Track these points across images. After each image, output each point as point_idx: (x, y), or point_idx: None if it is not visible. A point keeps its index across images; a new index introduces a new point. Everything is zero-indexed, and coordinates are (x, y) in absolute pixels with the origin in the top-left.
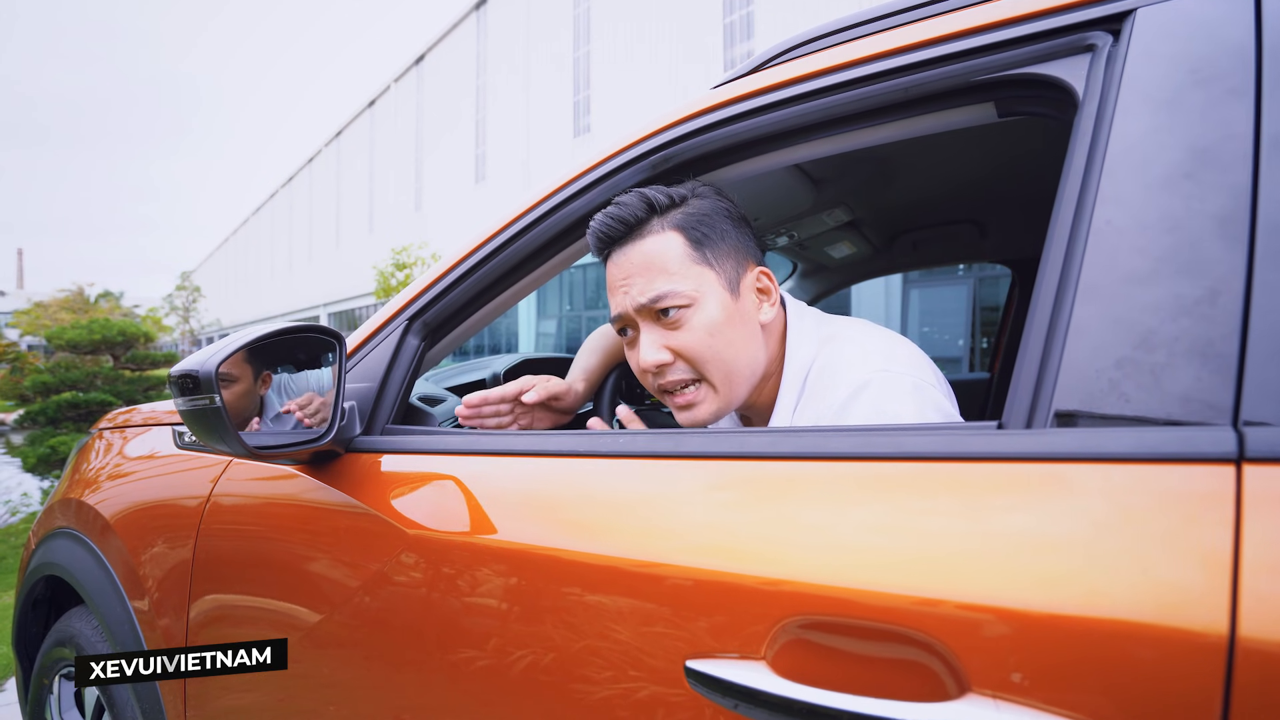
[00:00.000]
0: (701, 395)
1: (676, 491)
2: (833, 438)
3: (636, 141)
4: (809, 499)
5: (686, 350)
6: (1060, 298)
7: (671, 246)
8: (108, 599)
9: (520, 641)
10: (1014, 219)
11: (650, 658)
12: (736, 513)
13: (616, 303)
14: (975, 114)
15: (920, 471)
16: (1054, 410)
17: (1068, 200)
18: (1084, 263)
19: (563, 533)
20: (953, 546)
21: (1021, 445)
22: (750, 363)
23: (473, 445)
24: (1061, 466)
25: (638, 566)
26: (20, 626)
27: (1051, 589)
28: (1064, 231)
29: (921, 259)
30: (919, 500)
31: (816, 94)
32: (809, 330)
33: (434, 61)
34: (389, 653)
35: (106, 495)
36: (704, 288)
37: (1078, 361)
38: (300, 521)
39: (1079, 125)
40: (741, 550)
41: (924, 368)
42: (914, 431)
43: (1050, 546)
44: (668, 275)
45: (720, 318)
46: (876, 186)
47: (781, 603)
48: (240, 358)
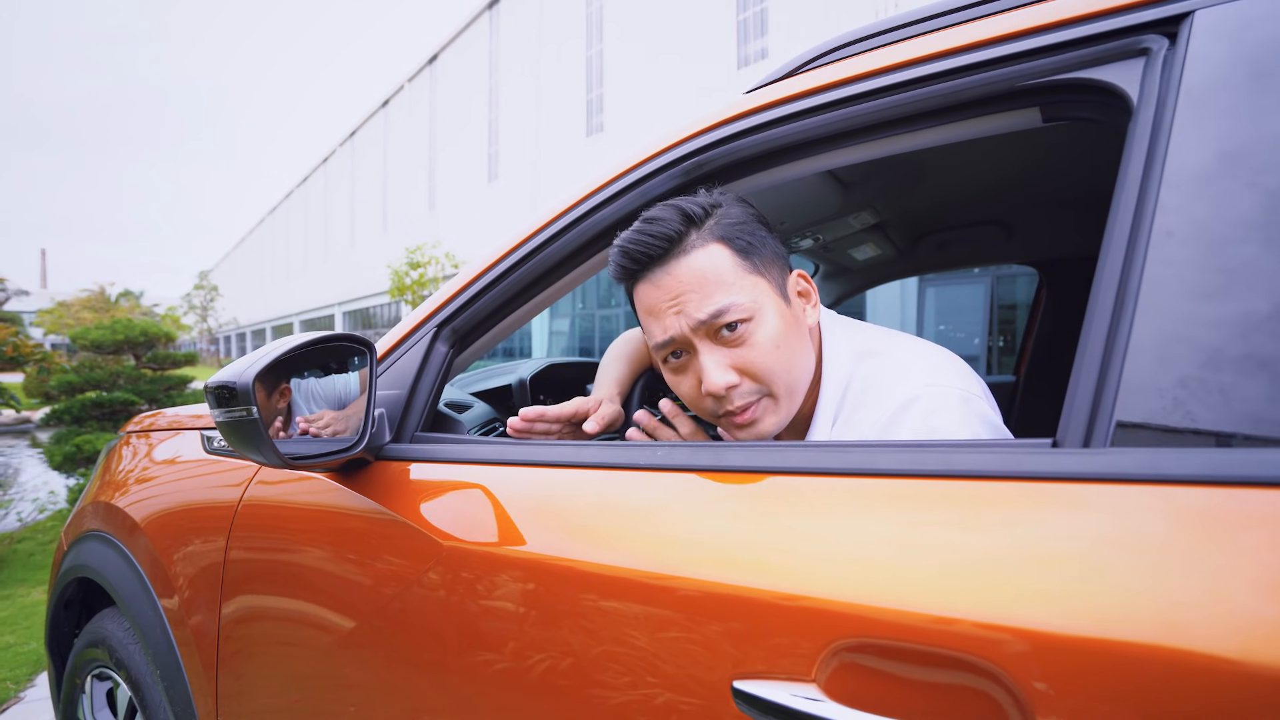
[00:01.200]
0: (763, 409)
1: (722, 509)
2: (881, 454)
3: (669, 147)
4: (858, 517)
5: (755, 367)
6: (1119, 311)
7: (720, 258)
8: (138, 600)
9: (555, 654)
10: (1042, 219)
11: (695, 678)
12: (782, 531)
13: (666, 326)
14: (1019, 119)
15: (973, 491)
16: (1114, 428)
17: (1124, 209)
18: (1144, 276)
19: (597, 546)
20: (1009, 571)
21: (1080, 465)
22: (807, 371)
23: (503, 455)
24: (1124, 489)
25: (679, 583)
26: (53, 626)
27: (1118, 618)
28: (1120, 242)
29: (946, 260)
30: (973, 521)
31: (855, 99)
32: (842, 341)
33: (447, 61)
34: (415, 657)
35: (136, 498)
36: (760, 298)
37: (1138, 378)
38: (331, 528)
39: (1134, 132)
40: (791, 568)
41: (969, 379)
42: (966, 449)
43: (1113, 573)
44: (725, 288)
45: (781, 328)
46: (904, 189)
47: (833, 624)
48: (268, 370)
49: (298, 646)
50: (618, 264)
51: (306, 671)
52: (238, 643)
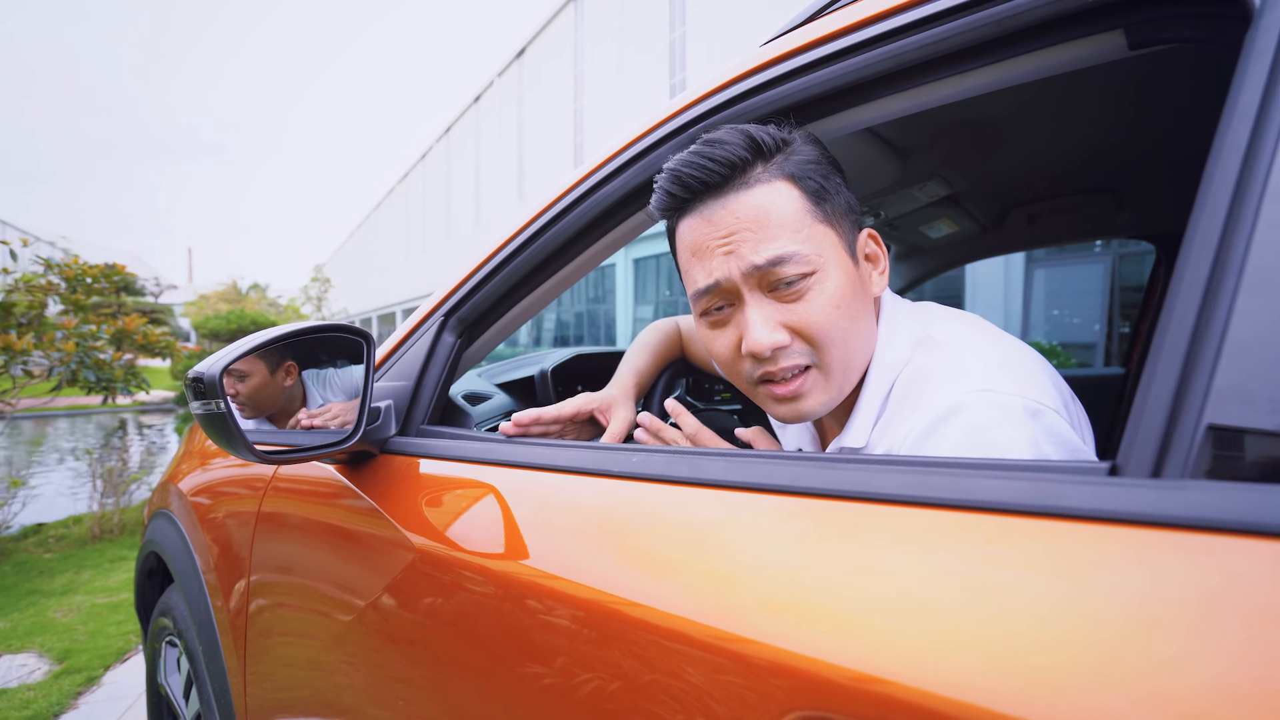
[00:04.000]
0: (810, 383)
1: (687, 528)
2: (878, 472)
3: (676, 113)
4: (817, 554)
5: (810, 328)
6: (1212, 293)
7: (787, 199)
8: (188, 578)
9: (531, 661)
10: (1159, 185)
11: None
12: (727, 558)
13: (712, 268)
14: (1095, 49)
15: (992, 529)
16: (1195, 453)
17: (1229, 152)
18: (1253, 240)
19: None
20: (1031, 638)
21: (1143, 502)
22: (866, 345)
23: (510, 457)
24: (1207, 539)
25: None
26: (139, 594)
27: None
28: (1223, 196)
29: (1041, 236)
30: (982, 570)
31: (884, 38)
32: (903, 323)
33: (534, 54)
34: (395, 662)
35: (192, 481)
36: (827, 251)
37: (1236, 384)
38: (331, 521)
39: (1251, 48)
40: (732, 609)
41: (1044, 387)
42: (989, 471)
43: (1179, 646)
44: (789, 233)
45: (846, 288)
46: (979, 154)
47: (789, 692)
48: (255, 355)
49: (301, 636)
50: (665, 190)
51: (303, 659)
52: (259, 627)
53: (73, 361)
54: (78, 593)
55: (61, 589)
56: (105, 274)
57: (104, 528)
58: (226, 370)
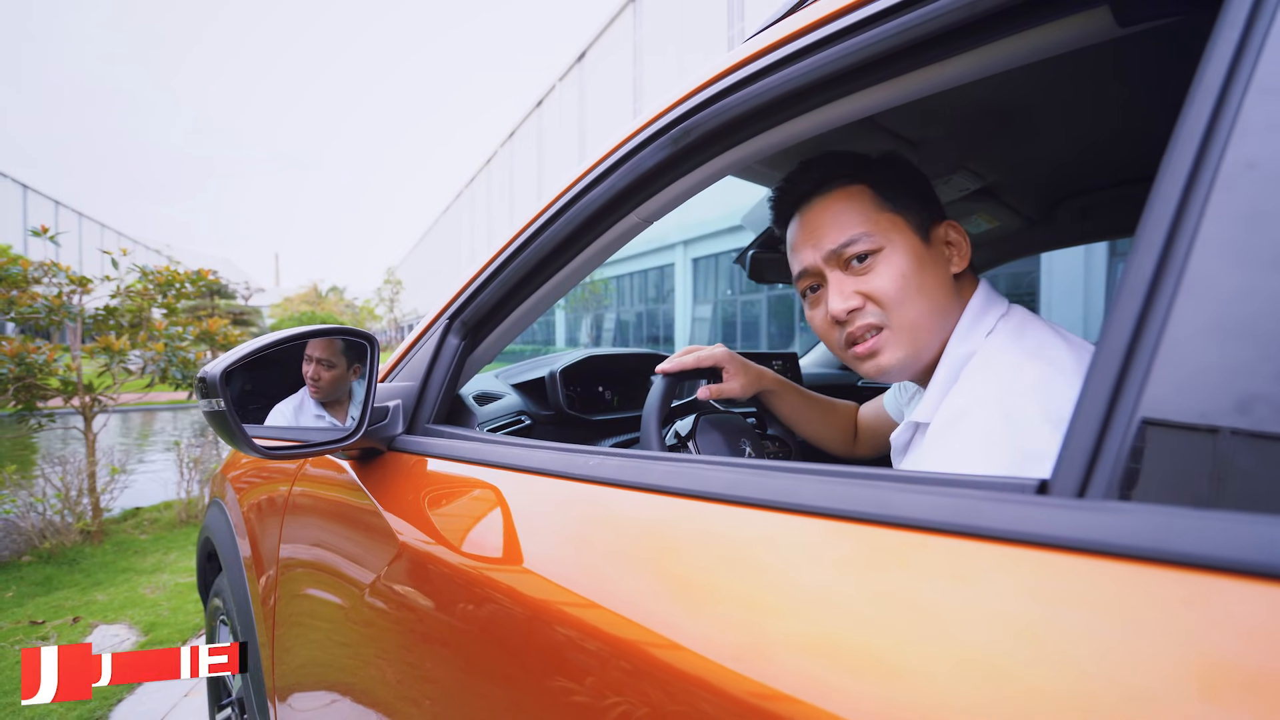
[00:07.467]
0: (883, 341)
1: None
2: (807, 481)
3: (656, 117)
4: (725, 571)
5: (878, 292)
6: (1156, 285)
7: (861, 197)
8: (231, 564)
9: (497, 689)
10: None
11: None
12: (621, 566)
13: (802, 258)
14: (1082, 28)
15: (908, 547)
16: (1123, 471)
17: (1189, 133)
18: (1199, 231)
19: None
20: (934, 668)
21: (1066, 524)
22: (938, 312)
23: (507, 459)
24: (1130, 568)
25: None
26: (200, 575)
27: None
28: (1176, 181)
29: (1098, 230)
30: (892, 592)
31: (861, 26)
32: (986, 315)
33: (594, 57)
34: (388, 654)
35: (236, 472)
36: (893, 234)
37: (1167, 396)
38: (341, 514)
39: (1224, 20)
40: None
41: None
42: (915, 484)
43: (1096, 690)
44: (859, 222)
45: (912, 262)
46: (1009, 142)
47: None
48: (338, 347)
49: (311, 626)
50: (774, 206)
51: (316, 647)
52: (284, 615)
53: (161, 360)
54: (164, 572)
55: (151, 568)
56: (192, 279)
57: (190, 513)
58: (227, 372)
